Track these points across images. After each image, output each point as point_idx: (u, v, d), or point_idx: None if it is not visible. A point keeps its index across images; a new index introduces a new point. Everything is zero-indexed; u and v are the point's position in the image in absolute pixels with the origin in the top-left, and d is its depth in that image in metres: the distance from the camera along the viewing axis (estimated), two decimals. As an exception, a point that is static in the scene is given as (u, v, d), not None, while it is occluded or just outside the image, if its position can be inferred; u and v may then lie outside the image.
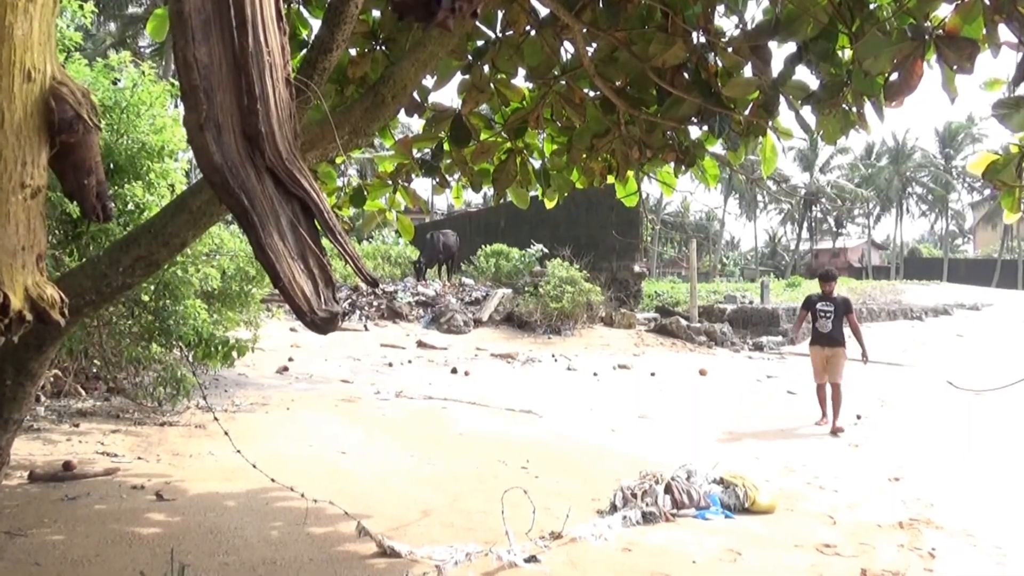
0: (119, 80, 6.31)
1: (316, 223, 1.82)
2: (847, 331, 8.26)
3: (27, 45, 1.46)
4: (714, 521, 4.72)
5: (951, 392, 10.51)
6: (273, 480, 4.38)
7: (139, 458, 5.58)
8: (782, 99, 3.54)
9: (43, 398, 6.91)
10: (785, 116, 3.74)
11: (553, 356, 13.56)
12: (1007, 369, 11.54)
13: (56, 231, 5.65)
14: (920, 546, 4.39)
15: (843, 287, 22.49)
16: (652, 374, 12.00)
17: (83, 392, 7.40)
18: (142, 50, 29.37)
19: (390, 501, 4.87)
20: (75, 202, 1.70)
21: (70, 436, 6.00)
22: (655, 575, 3.83)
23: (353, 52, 3.83)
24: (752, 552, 4.21)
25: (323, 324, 1.74)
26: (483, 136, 4.42)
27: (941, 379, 11.38)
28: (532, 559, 3.85)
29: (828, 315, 8.15)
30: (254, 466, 4.31)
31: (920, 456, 6.83)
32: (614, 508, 4.73)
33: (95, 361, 7.11)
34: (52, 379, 6.97)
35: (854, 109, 3.41)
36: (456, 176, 4.97)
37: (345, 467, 5.70)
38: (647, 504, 4.71)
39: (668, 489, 4.86)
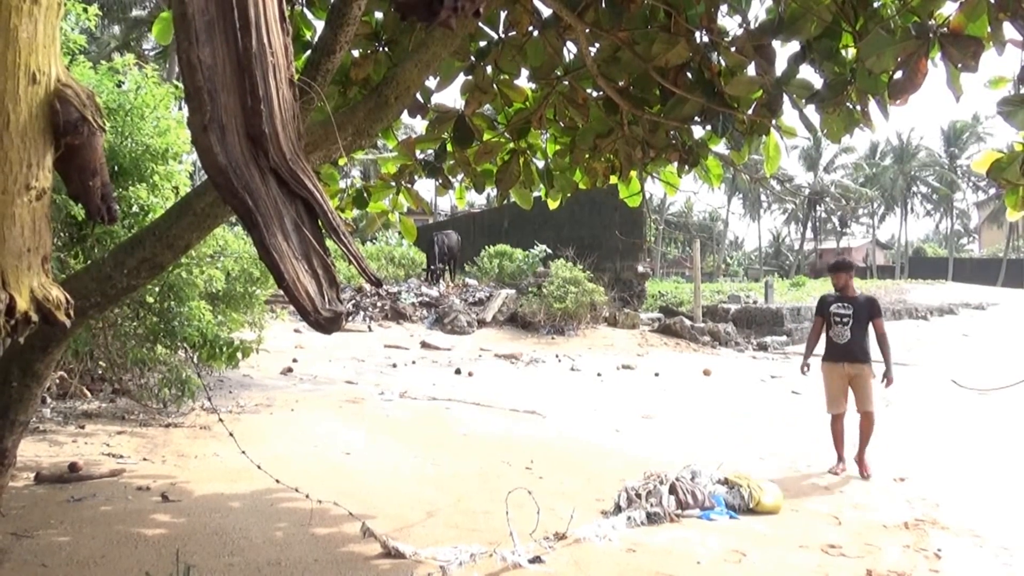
0: (123, 83, 6.32)
1: (320, 223, 1.82)
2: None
3: (32, 47, 1.47)
4: (719, 522, 4.71)
5: (956, 392, 10.49)
6: (278, 481, 4.40)
7: (144, 459, 5.59)
8: (786, 98, 3.54)
9: (49, 400, 6.93)
10: (789, 115, 3.74)
11: (557, 356, 13.54)
12: (1013, 368, 11.50)
13: (61, 233, 5.67)
14: (926, 547, 4.38)
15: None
16: (656, 374, 11.98)
17: (89, 394, 7.43)
18: (146, 53, 29.45)
19: (394, 502, 4.87)
20: (80, 204, 1.71)
21: (76, 437, 6.02)
22: None
23: (356, 54, 3.84)
24: (757, 553, 4.20)
25: (327, 324, 1.75)
26: (486, 137, 4.42)
27: (946, 379, 11.36)
28: (536, 560, 3.84)
29: (846, 320, 6.19)
30: (259, 467, 4.32)
31: (925, 456, 6.80)
32: (618, 509, 4.72)
33: (100, 363, 7.13)
34: (58, 381, 6.99)
35: (858, 108, 3.41)
36: (459, 177, 4.98)
37: (349, 468, 5.70)
38: (651, 505, 4.71)
39: (672, 489, 4.85)
